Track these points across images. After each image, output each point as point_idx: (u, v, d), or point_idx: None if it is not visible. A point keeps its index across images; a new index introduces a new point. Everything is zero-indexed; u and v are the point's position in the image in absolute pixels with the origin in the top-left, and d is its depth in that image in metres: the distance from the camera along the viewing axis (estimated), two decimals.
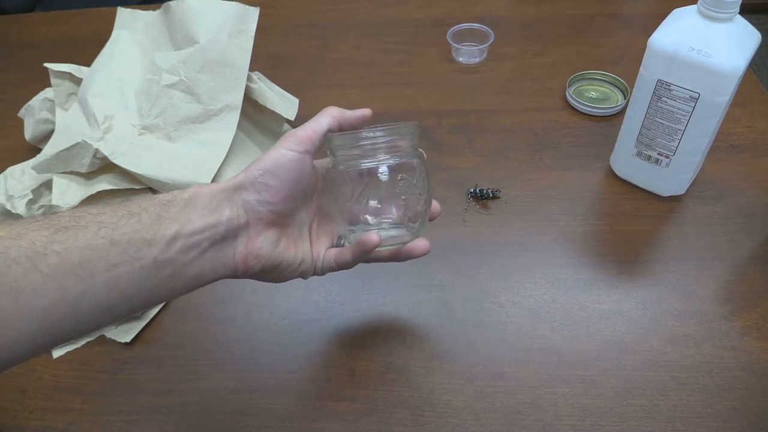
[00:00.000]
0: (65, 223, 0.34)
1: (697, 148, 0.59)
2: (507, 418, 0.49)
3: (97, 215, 0.35)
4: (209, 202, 0.39)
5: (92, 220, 0.35)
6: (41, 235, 0.33)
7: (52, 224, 0.34)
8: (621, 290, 0.57)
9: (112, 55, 0.72)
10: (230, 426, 0.50)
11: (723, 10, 0.50)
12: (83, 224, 0.35)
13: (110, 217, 0.36)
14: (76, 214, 0.35)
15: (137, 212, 0.36)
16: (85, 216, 0.35)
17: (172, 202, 0.38)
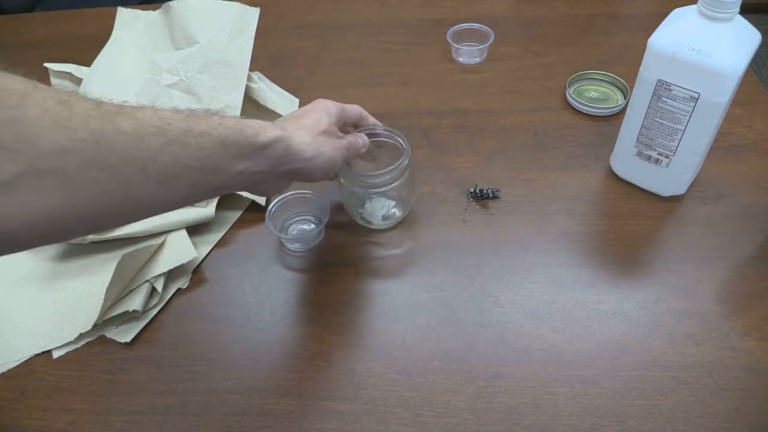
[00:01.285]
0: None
1: (697, 148, 0.59)
2: (507, 418, 0.49)
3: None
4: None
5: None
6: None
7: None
8: (621, 290, 0.57)
9: (112, 55, 0.72)
10: (230, 426, 0.50)
11: (723, 10, 0.50)
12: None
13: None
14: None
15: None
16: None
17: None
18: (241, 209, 0.66)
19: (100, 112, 0.35)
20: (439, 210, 0.65)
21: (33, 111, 0.32)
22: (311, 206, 0.63)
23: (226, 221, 0.65)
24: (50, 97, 0.33)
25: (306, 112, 0.53)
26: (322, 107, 0.53)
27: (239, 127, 0.43)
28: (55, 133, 0.32)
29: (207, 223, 0.64)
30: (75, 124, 0.33)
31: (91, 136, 0.34)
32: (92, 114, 0.34)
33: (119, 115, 0.36)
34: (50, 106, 0.32)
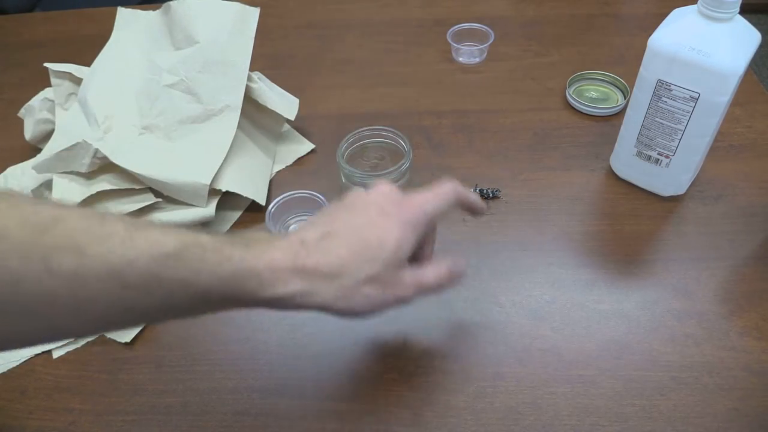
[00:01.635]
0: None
1: (697, 148, 0.59)
2: (507, 418, 0.49)
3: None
4: None
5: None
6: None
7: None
8: (621, 290, 0.57)
9: (112, 55, 0.72)
10: (230, 426, 0.50)
11: (723, 10, 0.50)
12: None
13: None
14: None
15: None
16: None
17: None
18: (241, 209, 0.66)
19: (34, 247, 0.30)
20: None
21: None
22: (311, 206, 0.63)
23: (226, 221, 0.65)
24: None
25: (366, 232, 0.38)
26: (405, 220, 0.39)
27: (240, 277, 0.34)
28: None
29: (207, 223, 0.64)
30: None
31: (12, 279, 0.29)
32: (23, 248, 0.30)
33: (63, 251, 0.30)
34: None
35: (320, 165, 0.71)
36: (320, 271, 0.37)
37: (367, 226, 0.39)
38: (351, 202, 0.41)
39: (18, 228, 0.30)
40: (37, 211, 0.31)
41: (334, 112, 0.77)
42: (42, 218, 0.31)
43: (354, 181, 0.58)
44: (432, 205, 0.41)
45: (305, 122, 0.75)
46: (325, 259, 0.37)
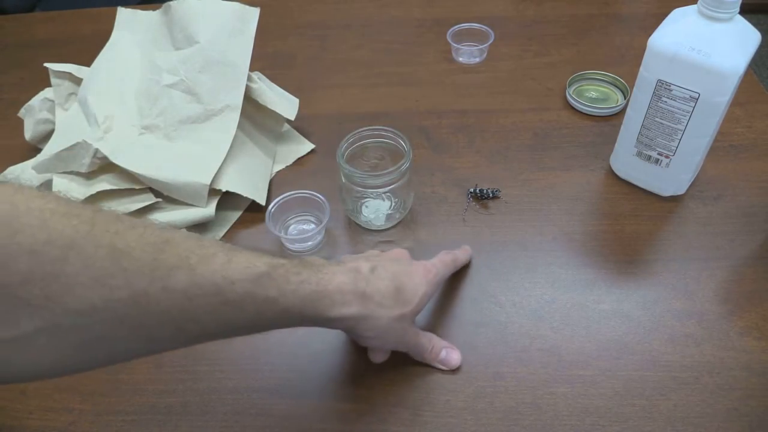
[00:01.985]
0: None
1: (697, 148, 0.59)
2: (507, 418, 0.49)
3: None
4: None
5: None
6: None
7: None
8: (621, 290, 0.57)
9: (112, 55, 0.72)
10: (230, 426, 0.50)
11: (723, 10, 0.50)
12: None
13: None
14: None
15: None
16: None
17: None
18: (241, 209, 0.66)
19: (154, 265, 0.31)
20: (439, 210, 0.65)
21: (74, 266, 0.28)
22: (311, 206, 0.63)
23: (226, 221, 0.65)
24: (103, 246, 0.29)
25: (404, 278, 0.45)
26: (429, 281, 0.47)
27: (316, 297, 0.39)
28: (91, 291, 0.29)
29: (207, 223, 0.64)
30: (117, 282, 0.30)
31: (131, 297, 0.30)
32: (144, 270, 0.31)
33: (177, 269, 0.32)
34: (98, 259, 0.29)
35: (320, 165, 0.71)
36: (374, 299, 0.43)
37: (404, 274, 0.46)
38: (387, 253, 0.50)
39: (140, 248, 0.31)
40: (148, 232, 0.32)
41: (334, 112, 0.77)
42: (156, 238, 0.32)
43: (354, 181, 0.58)
44: (443, 272, 0.52)
45: (305, 122, 0.75)
46: (376, 289, 0.43)
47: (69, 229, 0.29)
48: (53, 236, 0.28)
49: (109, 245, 0.30)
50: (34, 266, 0.27)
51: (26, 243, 0.27)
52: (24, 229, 0.27)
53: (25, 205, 0.28)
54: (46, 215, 0.28)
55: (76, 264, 0.28)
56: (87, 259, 0.29)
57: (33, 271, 0.27)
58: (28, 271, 0.27)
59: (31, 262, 0.27)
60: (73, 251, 0.28)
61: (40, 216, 0.28)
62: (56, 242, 0.28)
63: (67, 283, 0.28)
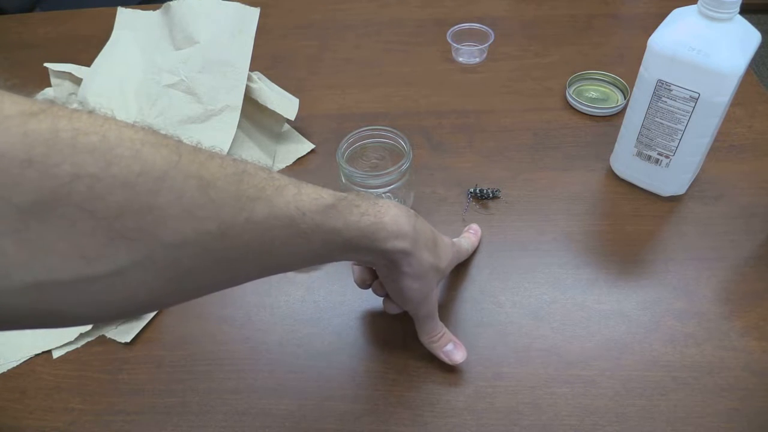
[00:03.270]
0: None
1: (697, 148, 0.59)
2: (507, 418, 0.49)
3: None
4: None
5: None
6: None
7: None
8: (621, 290, 0.57)
9: (112, 55, 0.72)
10: (230, 426, 0.50)
11: (723, 10, 0.50)
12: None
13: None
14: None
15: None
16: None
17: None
18: None
19: (237, 195, 0.31)
20: (439, 210, 0.65)
21: (166, 197, 0.28)
22: None
23: None
24: (192, 177, 0.29)
25: (438, 235, 0.49)
26: (454, 253, 0.52)
27: (375, 228, 0.40)
28: (182, 223, 0.29)
29: None
30: (206, 214, 0.30)
31: (219, 228, 0.30)
32: (228, 201, 0.31)
33: (257, 200, 0.32)
34: (187, 190, 0.29)
35: (320, 165, 0.71)
36: (421, 239, 0.44)
37: (437, 233, 0.49)
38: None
39: (223, 178, 0.31)
40: (226, 162, 0.32)
41: (334, 112, 0.77)
42: (234, 168, 0.32)
43: (354, 181, 0.58)
44: (466, 247, 0.57)
45: (305, 122, 0.75)
46: (423, 230, 0.45)
47: (160, 160, 0.28)
48: (146, 167, 0.27)
49: (196, 176, 0.29)
50: (129, 198, 0.27)
51: (121, 175, 0.26)
52: (118, 161, 0.27)
53: (116, 136, 0.27)
54: (137, 146, 0.27)
55: (168, 196, 0.28)
56: (178, 190, 0.28)
57: (128, 203, 0.27)
58: (124, 204, 0.27)
59: (126, 194, 0.27)
60: (166, 183, 0.28)
61: (131, 146, 0.27)
62: (149, 173, 0.27)
63: (160, 215, 0.28)
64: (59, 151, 0.25)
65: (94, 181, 0.26)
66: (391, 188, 0.58)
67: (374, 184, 0.57)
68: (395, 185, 0.58)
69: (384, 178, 0.57)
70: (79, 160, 0.26)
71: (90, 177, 0.26)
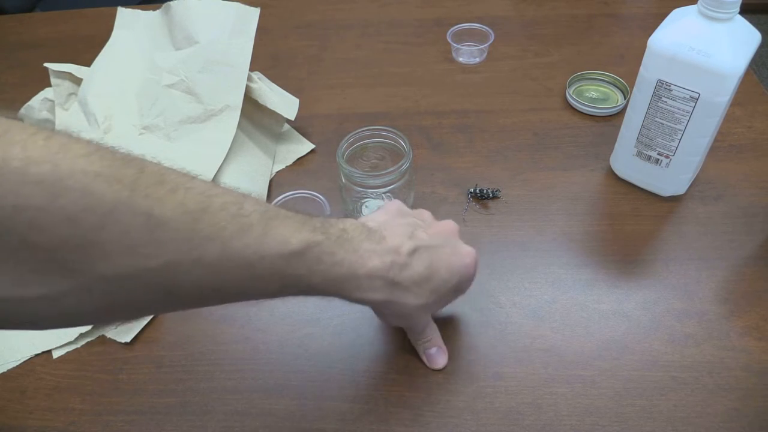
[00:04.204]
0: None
1: (697, 148, 0.59)
2: (507, 418, 0.49)
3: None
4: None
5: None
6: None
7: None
8: (621, 290, 0.57)
9: (112, 55, 0.72)
10: (230, 426, 0.50)
11: (723, 10, 0.50)
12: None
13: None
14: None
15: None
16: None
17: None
18: None
19: (189, 236, 0.31)
20: (439, 210, 0.65)
21: (110, 234, 0.28)
22: (311, 206, 0.63)
23: None
24: (140, 214, 0.29)
25: (441, 263, 0.44)
26: (463, 273, 0.46)
27: (344, 279, 0.39)
28: (124, 259, 0.29)
29: None
30: (150, 251, 0.29)
31: (163, 266, 0.30)
32: (177, 241, 0.30)
33: (211, 241, 0.31)
34: (134, 226, 0.29)
35: (320, 165, 0.71)
36: (402, 285, 0.42)
37: (442, 261, 0.44)
38: (438, 224, 0.48)
39: (177, 217, 0.30)
40: (189, 196, 0.31)
41: (334, 112, 0.77)
42: (195, 204, 0.32)
43: (354, 181, 0.58)
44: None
45: (305, 122, 0.75)
46: (409, 275, 0.42)
47: (110, 196, 0.28)
48: (93, 203, 0.27)
49: (146, 213, 0.29)
50: (72, 233, 0.27)
51: (66, 208, 0.27)
52: (65, 194, 0.27)
53: (68, 167, 0.27)
54: (89, 179, 0.27)
55: (112, 233, 0.28)
56: (123, 227, 0.28)
57: (70, 237, 0.27)
58: (66, 237, 0.27)
59: (69, 228, 0.27)
60: (111, 219, 0.28)
61: (82, 180, 0.27)
62: (95, 209, 0.27)
63: (102, 250, 0.28)
64: (6, 182, 0.25)
65: (39, 214, 0.26)
66: (391, 188, 0.58)
67: (374, 184, 0.57)
68: (395, 185, 0.58)
69: (384, 178, 0.57)
70: (25, 191, 0.26)
71: (35, 209, 0.26)
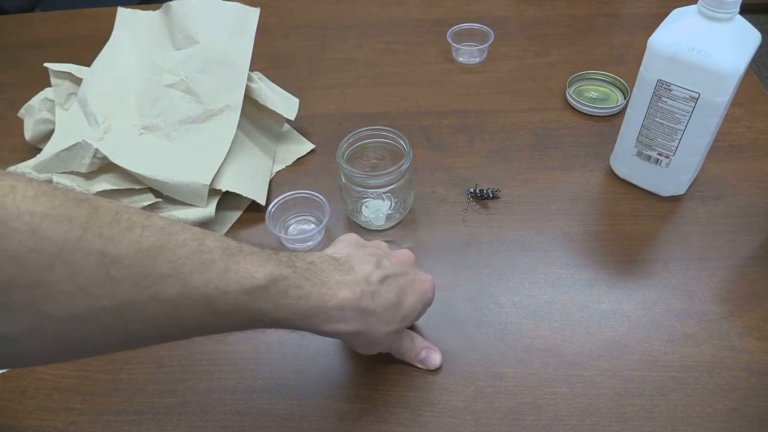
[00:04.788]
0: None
1: (697, 148, 0.59)
2: (507, 418, 0.49)
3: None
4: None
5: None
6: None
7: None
8: (621, 290, 0.57)
9: (113, 55, 0.72)
10: (230, 426, 0.50)
11: (723, 10, 0.50)
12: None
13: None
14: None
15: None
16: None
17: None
18: (241, 209, 0.66)
19: (144, 274, 0.30)
20: (439, 210, 0.65)
21: (59, 274, 0.28)
22: (311, 206, 0.63)
23: (226, 221, 0.65)
24: (93, 254, 0.28)
25: (407, 290, 0.45)
26: (426, 299, 0.47)
27: (313, 312, 0.38)
28: (75, 299, 0.28)
29: (207, 223, 0.64)
30: (103, 291, 0.29)
31: (117, 306, 0.30)
32: (132, 279, 0.30)
33: (169, 278, 0.31)
34: (85, 267, 0.28)
35: (320, 165, 0.71)
36: (374, 313, 0.41)
37: (408, 286, 0.45)
38: (396, 253, 0.48)
39: (132, 255, 0.30)
40: (146, 234, 0.31)
41: (334, 112, 0.77)
42: (152, 242, 0.31)
43: (354, 181, 0.58)
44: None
45: (305, 122, 0.75)
46: (380, 303, 0.42)
47: (59, 236, 0.28)
48: (41, 244, 0.27)
49: (99, 252, 0.29)
50: (18, 273, 0.27)
51: (12, 249, 0.26)
52: (11, 235, 0.26)
53: (15, 208, 0.27)
54: (36, 220, 0.27)
55: (61, 273, 0.28)
56: (74, 267, 0.28)
57: (16, 278, 0.27)
58: (12, 278, 0.27)
59: (15, 269, 0.27)
60: (60, 259, 0.28)
61: (29, 221, 0.27)
62: (43, 250, 0.27)
63: (50, 291, 0.28)
64: None
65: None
66: (391, 188, 0.58)
67: (374, 184, 0.57)
68: (395, 185, 0.58)
69: (384, 178, 0.57)
70: None
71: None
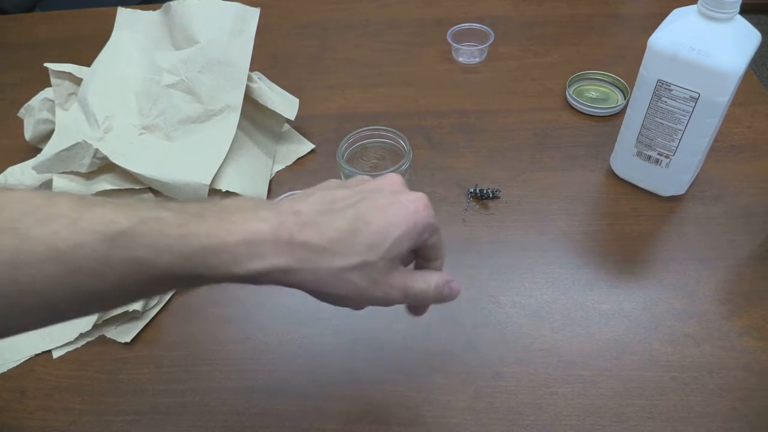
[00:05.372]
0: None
1: (697, 148, 0.59)
2: (507, 418, 0.49)
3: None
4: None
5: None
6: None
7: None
8: (621, 290, 0.57)
9: (112, 55, 0.72)
10: (230, 426, 0.50)
11: (723, 10, 0.50)
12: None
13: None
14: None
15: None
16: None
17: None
18: None
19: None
20: (439, 210, 0.65)
21: None
22: None
23: None
24: None
25: (373, 215, 0.33)
26: (409, 221, 0.34)
27: (207, 252, 0.30)
28: None
29: None
30: None
31: None
32: None
33: (3, 233, 0.28)
34: None
35: (320, 165, 0.71)
36: (310, 245, 0.32)
37: (376, 210, 0.34)
38: (374, 180, 0.38)
39: None
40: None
41: (334, 112, 0.77)
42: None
43: None
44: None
45: (305, 122, 0.75)
46: (319, 233, 0.32)
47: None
48: None
49: None
50: None
51: None
52: None
53: None
54: None
55: None
56: None
57: None
58: None
59: None
60: None
61: None
62: None
63: None
64: None
65: None
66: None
67: None
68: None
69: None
70: None
71: None
